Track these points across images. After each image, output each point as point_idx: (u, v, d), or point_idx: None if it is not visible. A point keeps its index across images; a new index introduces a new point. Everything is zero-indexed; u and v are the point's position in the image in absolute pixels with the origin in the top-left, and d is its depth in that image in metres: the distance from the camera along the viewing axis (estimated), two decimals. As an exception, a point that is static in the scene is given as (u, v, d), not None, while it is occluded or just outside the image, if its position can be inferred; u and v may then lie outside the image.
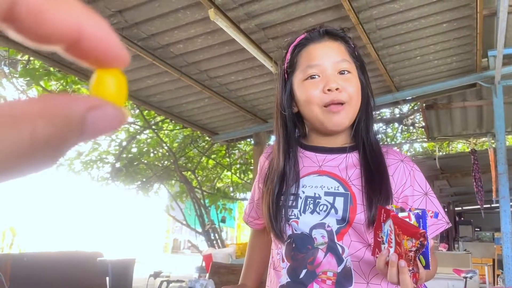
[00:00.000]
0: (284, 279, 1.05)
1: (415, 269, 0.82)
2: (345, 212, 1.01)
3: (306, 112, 1.07)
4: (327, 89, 1.02)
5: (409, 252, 0.81)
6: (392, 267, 0.84)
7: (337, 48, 1.07)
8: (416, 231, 0.80)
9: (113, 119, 0.23)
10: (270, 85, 4.63)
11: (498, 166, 4.23)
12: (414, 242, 0.80)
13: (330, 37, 1.08)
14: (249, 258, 1.35)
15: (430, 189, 1.10)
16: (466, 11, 3.57)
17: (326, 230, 1.02)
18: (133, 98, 4.73)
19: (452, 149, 10.94)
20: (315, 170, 1.08)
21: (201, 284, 2.70)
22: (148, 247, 19.98)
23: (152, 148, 7.65)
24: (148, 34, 3.50)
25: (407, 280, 0.82)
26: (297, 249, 1.03)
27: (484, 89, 5.47)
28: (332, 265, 1.00)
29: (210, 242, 7.20)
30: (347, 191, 1.03)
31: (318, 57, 1.05)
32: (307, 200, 1.05)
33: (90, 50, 0.24)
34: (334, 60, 1.05)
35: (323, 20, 3.48)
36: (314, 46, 1.07)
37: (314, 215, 1.03)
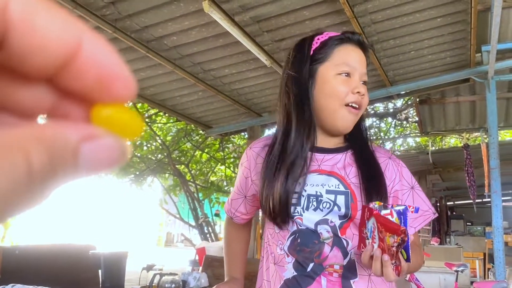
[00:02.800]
0: (289, 273, 1.07)
1: (397, 262, 0.88)
2: (347, 209, 1.06)
3: (324, 105, 1.09)
4: (356, 91, 1.08)
5: (391, 247, 0.87)
6: (376, 261, 0.90)
7: (365, 60, 1.14)
8: (397, 228, 0.86)
9: (111, 154, 0.20)
10: (264, 78, 4.62)
11: (491, 161, 4.25)
12: (396, 238, 0.85)
13: (362, 48, 1.14)
14: (232, 251, 1.34)
15: (416, 183, 1.17)
16: (461, 6, 3.57)
17: (329, 225, 1.06)
18: (126, 90, 4.70)
19: (445, 143, 11.00)
20: (315, 169, 1.11)
21: (194, 277, 2.71)
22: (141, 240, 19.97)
23: (146, 141, 7.62)
24: (141, 26, 3.47)
25: (390, 272, 0.88)
26: (303, 244, 1.07)
27: (477, 84, 5.49)
28: (339, 258, 1.05)
29: (203, 235, 7.20)
30: (347, 189, 1.08)
31: (356, 60, 1.11)
32: (309, 198, 1.08)
33: (87, 75, 0.20)
34: (363, 70, 1.12)
35: (318, 13, 3.47)
36: (352, 48, 1.12)
37: (317, 212, 1.07)
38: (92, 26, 3.38)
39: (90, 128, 0.20)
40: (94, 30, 0.20)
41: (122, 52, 3.86)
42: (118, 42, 3.63)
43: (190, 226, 7.78)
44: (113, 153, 0.20)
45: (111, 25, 3.34)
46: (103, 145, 0.20)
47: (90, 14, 3.18)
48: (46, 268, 2.85)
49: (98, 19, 3.25)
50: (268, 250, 1.15)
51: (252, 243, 5.49)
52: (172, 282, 2.50)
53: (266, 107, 5.53)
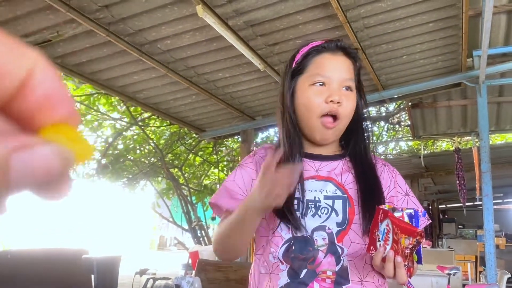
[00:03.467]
0: (283, 280, 1.07)
1: (409, 264, 0.90)
2: (344, 214, 1.08)
3: (303, 116, 1.11)
4: (329, 100, 1.07)
5: (405, 249, 0.88)
6: (389, 262, 0.91)
7: (348, 66, 1.12)
8: (413, 230, 0.87)
9: (48, 162, 0.19)
10: (258, 82, 4.63)
11: (482, 164, 4.29)
12: (411, 240, 0.87)
13: (344, 53, 1.13)
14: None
15: (410, 190, 1.19)
16: (452, 11, 3.61)
17: (326, 232, 1.07)
18: (120, 94, 4.69)
19: (437, 147, 11.08)
20: (313, 175, 1.13)
21: (187, 281, 2.70)
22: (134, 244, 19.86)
23: (139, 145, 7.59)
24: (135, 29, 3.47)
25: (403, 273, 0.90)
26: (297, 251, 1.07)
27: (468, 89, 5.54)
28: (332, 265, 1.06)
29: (196, 239, 7.18)
30: (344, 194, 1.10)
31: (330, 68, 1.10)
32: (308, 204, 1.09)
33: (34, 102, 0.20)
34: (343, 77, 1.10)
35: (311, 18, 3.49)
36: (328, 57, 1.12)
37: (315, 218, 1.08)
38: (85, 30, 3.39)
39: (25, 139, 0.19)
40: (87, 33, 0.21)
41: (115, 56, 3.87)
42: (112, 45, 3.63)
43: (183, 230, 7.76)
44: (51, 161, 0.19)
45: (104, 28, 3.34)
46: (38, 154, 0.19)
47: (83, 18, 3.17)
48: (38, 272, 2.83)
49: (92, 23, 3.24)
50: (261, 258, 1.14)
51: (245, 246, 5.48)
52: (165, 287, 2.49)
53: (259, 110, 5.54)
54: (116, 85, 4.53)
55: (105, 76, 4.30)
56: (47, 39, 3.49)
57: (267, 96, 5.07)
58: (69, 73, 4.09)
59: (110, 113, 7.19)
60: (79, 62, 3.96)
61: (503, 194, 11.70)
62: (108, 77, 4.32)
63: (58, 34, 3.45)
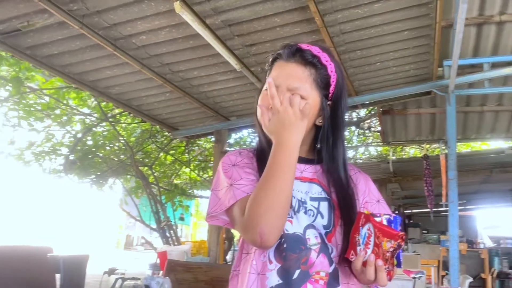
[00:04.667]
0: (273, 281, 1.04)
1: (390, 267, 0.92)
2: (330, 217, 1.09)
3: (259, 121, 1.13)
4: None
5: (386, 252, 0.90)
6: (370, 266, 0.92)
7: (301, 73, 1.09)
8: (395, 233, 0.89)
9: None
10: (233, 82, 4.61)
11: (449, 171, 4.41)
12: (393, 243, 0.89)
13: (300, 58, 1.11)
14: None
15: (381, 197, 1.22)
16: (426, 21, 3.70)
17: (317, 231, 1.07)
18: (91, 88, 4.57)
19: (405, 153, 11.33)
20: (298, 176, 1.12)
21: (157, 282, 2.65)
22: (100, 243, 19.44)
23: (108, 142, 7.43)
24: (110, 23, 3.39)
25: (383, 277, 0.92)
26: (290, 250, 1.05)
27: (438, 97, 5.69)
28: (325, 266, 1.05)
29: (165, 239, 7.08)
30: (329, 196, 1.11)
31: (279, 76, 1.10)
32: (299, 202, 1.09)
33: None
34: (290, 85, 1.08)
35: (289, 21, 3.50)
36: (280, 64, 1.12)
37: (307, 215, 1.08)
38: (58, 21, 3.29)
39: None
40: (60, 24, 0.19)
41: (88, 49, 3.77)
42: (85, 38, 3.54)
43: (151, 229, 7.64)
44: None
45: (78, 20, 3.24)
46: None
47: (56, 8, 3.07)
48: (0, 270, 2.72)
49: (65, 14, 3.15)
50: (247, 259, 1.10)
51: (215, 247, 5.45)
52: (134, 287, 2.43)
53: (234, 111, 5.52)
54: (88, 80, 4.42)
55: (77, 70, 4.19)
56: (17, 28, 3.37)
57: (242, 96, 5.05)
58: (39, 65, 3.96)
59: (80, 108, 7.01)
60: (50, 54, 3.84)
61: (466, 201, 12.07)
62: (80, 71, 4.21)
63: (29, 24, 3.33)
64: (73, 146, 6.88)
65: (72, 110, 6.97)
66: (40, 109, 6.62)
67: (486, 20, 4.27)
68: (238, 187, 1.07)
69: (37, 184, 12.71)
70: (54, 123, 6.93)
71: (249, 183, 1.08)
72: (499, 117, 6.09)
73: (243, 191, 1.06)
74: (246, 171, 1.11)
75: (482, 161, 7.38)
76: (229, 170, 1.13)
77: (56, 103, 6.64)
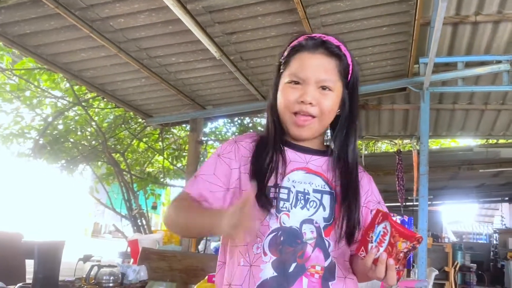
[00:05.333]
0: (267, 273, 1.03)
1: (400, 268, 0.93)
2: (331, 210, 1.09)
3: (280, 113, 1.13)
4: (301, 100, 1.07)
5: (400, 252, 0.91)
6: (381, 264, 0.93)
7: (327, 65, 1.10)
8: (412, 235, 0.91)
9: None
10: (212, 70, 4.56)
11: (420, 167, 4.51)
12: (408, 244, 0.90)
13: (325, 50, 1.10)
14: (196, 207, 1.10)
15: (381, 199, 1.24)
16: (405, 18, 3.75)
17: (314, 225, 1.07)
18: (64, 71, 4.43)
19: (377, 148, 11.54)
20: (303, 166, 1.13)
21: (133, 270, 2.62)
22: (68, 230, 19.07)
23: (80, 126, 7.25)
24: (87, 4, 3.29)
25: (393, 276, 0.92)
26: (286, 243, 1.05)
27: (411, 94, 5.80)
28: (320, 260, 1.06)
29: (136, 227, 6.98)
30: (332, 190, 1.11)
31: (306, 68, 1.09)
32: (297, 195, 1.08)
33: None
34: (319, 77, 1.08)
35: (271, 11, 3.48)
36: (307, 55, 1.10)
37: (304, 211, 1.07)
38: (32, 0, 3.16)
39: None
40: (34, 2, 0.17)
41: (63, 30, 3.65)
42: (60, 18, 3.42)
43: (122, 217, 7.52)
44: None
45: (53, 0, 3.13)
46: None
47: (31, -15, 2.96)
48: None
49: (40, -8, 3.03)
50: (238, 251, 1.08)
51: (187, 236, 5.41)
52: (110, 275, 2.40)
53: (210, 100, 5.48)
54: (61, 61, 4.28)
55: (50, 51, 4.05)
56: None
57: (220, 85, 5.01)
58: (10, 43, 3.80)
59: (51, 91, 6.79)
60: (22, 33, 3.70)
61: (433, 196, 12.42)
62: (53, 52, 4.07)
63: (0, 1, 3.19)
64: (43, 130, 6.67)
65: (43, 92, 6.75)
66: (9, 90, 6.38)
67: (462, 19, 4.36)
68: (197, 182, 1.13)
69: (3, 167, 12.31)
70: (23, 105, 6.70)
71: (204, 186, 1.11)
72: (469, 116, 6.27)
73: (194, 188, 1.12)
74: (216, 172, 1.12)
75: (451, 158, 7.59)
76: (210, 160, 1.17)
77: (26, 84, 6.42)
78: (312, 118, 1.09)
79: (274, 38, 3.88)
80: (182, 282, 3.19)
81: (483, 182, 10.36)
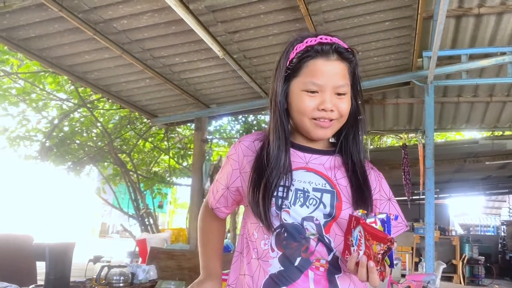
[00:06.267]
0: (275, 267, 1.08)
1: (382, 268, 0.93)
2: (332, 208, 1.09)
3: (296, 118, 1.14)
4: (321, 108, 1.09)
5: (377, 255, 0.91)
6: (362, 267, 0.94)
7: (342, 71, 1.11)
8: (384, 237, 0.90)
9: None
10: (215, 69, 4.57)
11: (426, 161, 4.50)
12: (382, 246, 0.90)
13: (339, 56, 1.11)
14: (210, 242, 1.30)
15: (392, 195, 1.23)
16: (408, 12, 3.74)
17: (314, 223, 1.09)
18: (69, 73, 4.46)
19: (382, 143, 11.52)
20: (303, 166, 1.14)
21: (143, 269, 2.65)
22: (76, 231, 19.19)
23: (86, 128, 7.29)
24: (90, 6, 3.31)
25: (375, 277, 0.93)
26: (290, 238, 1.08)
27: (416, 88, 5.79)
28: (324, 254, 1.08)
29: (144, 227, 7.03)
30: (333, 189, 1.12)
31: (323, 76, 1.09)
32: (297, 193, 1.10)
33: None
34: (336, 84, 1.10)
35: (273, 8, 3.48)
36: (322, 63, 1.10)
37: (303, 208, 1.09)
38: (36, 3, 3.18)
39: None
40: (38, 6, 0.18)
41: (66, 33, 3.67)
42: (64, 21, 3.44)
43: (130, 217, 7.57)
44: None
45: (57, 3, 3.15)
46: None
47: (34, -11, 2.98)
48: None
49: (43, -4, 3.05)
50: (250, 245, 1.14)
51: (195, 235, 5.44)
52: (120, 275, 2.42)
53: (215, 98, 5.49)
54: (66, 64, 4.31)
55: (55, 54, 4.08)
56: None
57: (223, 84, 5.03)
58: (15, 47, 3.83)
59: (56, 93, 6.83)
60: (27, 37, 3.73)
61: (439, 189, 12.40)
62: (58, 55, 4.10)
63: (5, 5, 3.22)
64: (49, 132, 6.71)
65: (48, 95, 6.80)
66: (15, 93, 6.43)
67: (465, 12, 4.35)
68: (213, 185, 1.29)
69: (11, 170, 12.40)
70: (29, 108, 6.74)
71: (215, 187, 1.27)
72: (474, 108, 6.25)
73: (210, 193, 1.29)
74: (223, 173, 1.24)
75: (456, 151, 7.56)
76: (224, 162, 1.26)
77: (32, 87, 6.46)
78: (331, 121, 1.12)
79: (277, 36, 3.89)
80: (191, 280, 3.20)
81: (490, 174, 10.32)
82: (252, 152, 1.18)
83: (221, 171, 1.25)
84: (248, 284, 1.12)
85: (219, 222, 1.33)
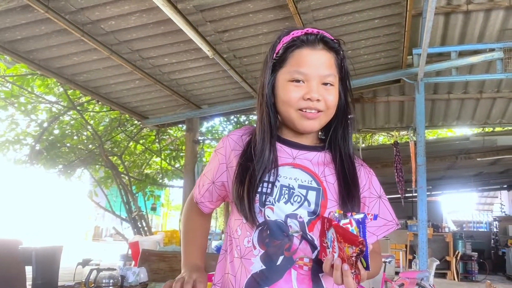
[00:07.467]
0: (257, 266, 1.05)
1: (356, 271, 0.90)
2: (316, 206, 1.07)
3: (282, 110, 1.11)
4: (307, 97, 1.06)
5: (350, 257, 0.88)
6: (336, 270, 0.91)
7: (328, 61, 1.09)
8: (355, 239, 0.87)
9: None
10: (205, 70, 4.55)
11: (418, 158, 4.52)
12: (354, 249, 0.87)
13: (325, 46, 1.09)
14: (193, 238, 1.27)
15: (383, 193, 1.19)
16: (397, 9, 3.74)
17: (298, 220, 1.06)
18: (57, 76, 4.42)
19: (374, 141, 11.55)
20: (289, 162, 1.12)
21: (133, 272, 2.61)
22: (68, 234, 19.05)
23: (76, 131, 7.22)
24: (77, 7, 3.27)
25: (350, 281, 0.90)
26: (273, 236, 1.05)
27: (406, 86, 5.81)
28: (307, 252, 1.05)
29: (136, 229, 6.97)
30: (319, 186, 1.09)
31: (308, 65, 1.07)
32: (282, 189, 1.08)
33: None
34: (322, 73, 1.07)
35: (262, 7, 3.47)
36: (307, 52, 1.08)
37: (287, 205, 1.07)
38: (22, 4, 3.14)
39: None
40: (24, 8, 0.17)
41: (54, 35, 3.63)
42: (51, 23, 3.40)
43: (122, 220, 7.51)
44: None
45: (43, 4, 3.11)
46: None
47: (19, -9, 2.94)
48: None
49: (29, -3, 3.01)
50: (233, 242, 1.12)
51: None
52: (110, 278, 2.39)
53: (205, 99, 5.47)
54: (54, 66, 4.26)
55: (42, 56, 4.04)
56: (-23, 11, 3.20)
57: (214, 84, 5.00)
58: (1, 50, 3.78)
59: (45, 96, 6.76)
60: (13, 39, 3.68)
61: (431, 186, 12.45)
62: (45, 57, 4.06)
63: (-10, 7, 3.17)
64: (39, 136, 6.64)
65: (37, 98, 6.72)
66: (3, 97, 6.35)
67: (453, 9, 4.37)
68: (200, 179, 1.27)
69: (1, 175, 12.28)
70: (18, 112, 6.67)
71: (201, 181, 1.24)
72: (465, 105, 6.28)
73: (196, 187, 1.26)
74: (210, 167, 1.22)
75: (448, 148, 7.61)
76: (211, 156, 1.24)
77: (20, 90, 6.38)
78: (318, 112, 1.09)
79: (266, 35, 3.88)
80: (183, 282, 3.17)
81: (481, 170, 10.39)
82: (240, 147, 1.15)
83: (208, 165, 1.23)
84: (232, 283, 1.09)
85: (204, 218, 1.30)
